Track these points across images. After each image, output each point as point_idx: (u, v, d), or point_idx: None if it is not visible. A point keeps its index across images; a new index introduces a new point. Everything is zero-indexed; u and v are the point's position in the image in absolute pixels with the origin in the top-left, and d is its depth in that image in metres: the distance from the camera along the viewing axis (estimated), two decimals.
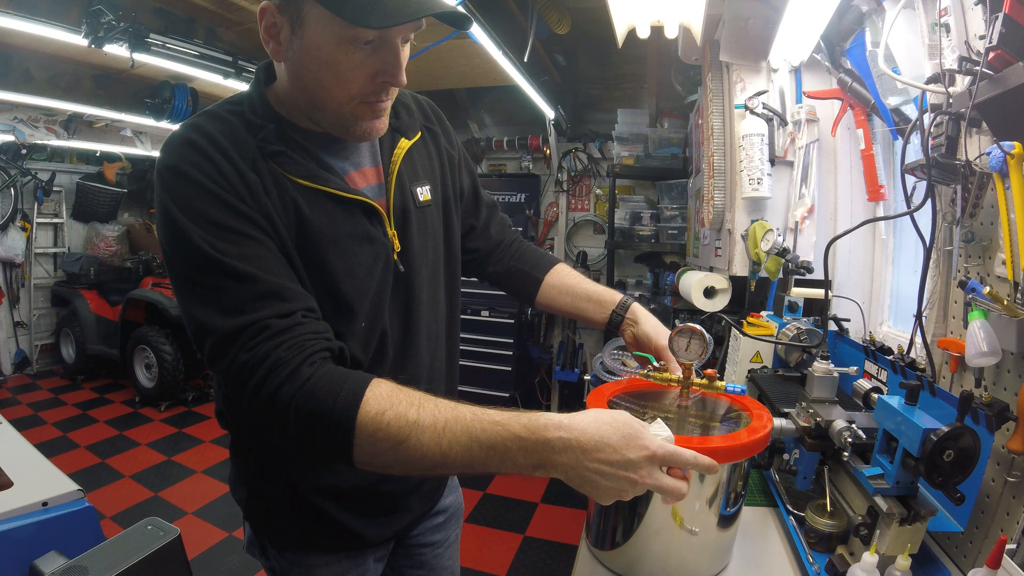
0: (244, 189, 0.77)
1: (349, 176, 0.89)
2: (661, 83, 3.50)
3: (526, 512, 3.19)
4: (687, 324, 1.02)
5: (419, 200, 0.96)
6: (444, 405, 0.70)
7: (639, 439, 0.69)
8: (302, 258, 0.81)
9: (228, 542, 2.77)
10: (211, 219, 0.74)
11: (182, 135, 0.79)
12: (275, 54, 0.79)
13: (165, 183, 0.77)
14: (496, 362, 3.99)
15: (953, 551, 1.02)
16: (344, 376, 0.72)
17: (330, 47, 0.75)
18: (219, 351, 0.73)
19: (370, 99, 0.81)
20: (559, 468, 0.68)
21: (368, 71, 0.78)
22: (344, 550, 1.00)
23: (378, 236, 0.89)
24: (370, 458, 0.70)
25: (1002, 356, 0.95)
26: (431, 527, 1.15)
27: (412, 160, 0.97)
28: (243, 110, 0.83)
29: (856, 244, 1.77)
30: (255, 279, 0.74)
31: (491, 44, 2.44)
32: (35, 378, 5.19)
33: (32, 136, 4.14)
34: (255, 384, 0.71)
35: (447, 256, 1.04)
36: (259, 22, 0.77)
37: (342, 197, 0.84)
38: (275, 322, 0.72)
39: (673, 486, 0.71)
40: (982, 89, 0.88)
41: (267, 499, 0.97)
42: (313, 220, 0.81)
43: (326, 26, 0.73)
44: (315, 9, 0.73)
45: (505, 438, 0.68)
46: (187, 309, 0.76)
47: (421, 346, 0.97)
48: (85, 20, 2.25)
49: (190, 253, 0.74)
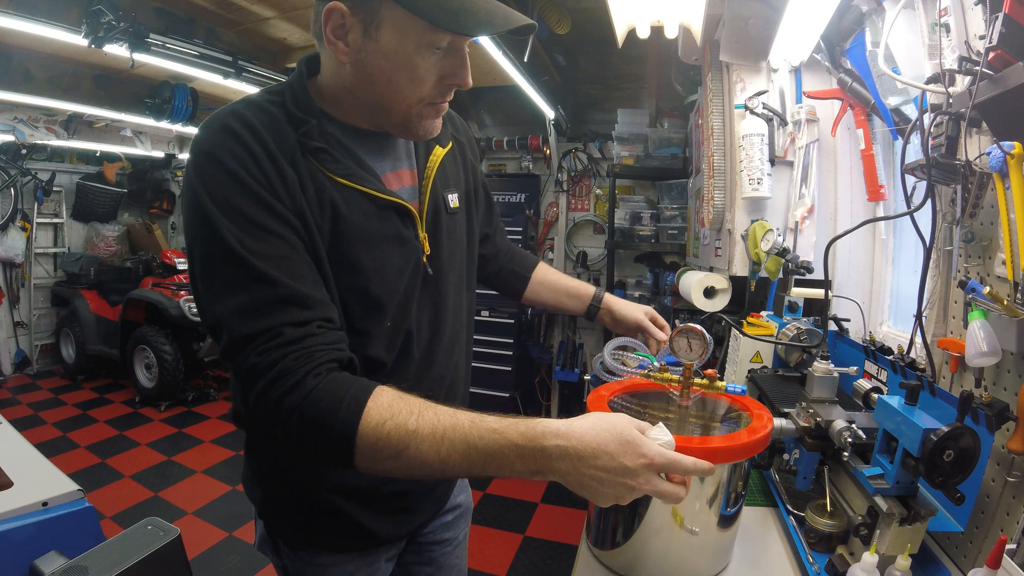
0: (280, 184, 0.76)
1: (385, 177, 0.90)
2: (661, 83, 3.49)
3: (526, 512, 3.19)
4: (687, 324, 1.02)
5: (450, 207, 0.98)
6: (443, 413, 0.71)
7: (637, 447, 0.69)
8: (334, 256, 0.81)
9: (228, 542, 2.77)
10: (242, 213, 0.73)
11: (222, 121, 0.77)
12: (340, 55, 0.78)
13: (199, 169, 0.75)
14: (496, 362, 3.99)
15: (953, 551, 1.02)
16: (348, 385, 0.72)
17: (409, 50, 0.76)
18: (232, 350, 0.73)
19: (436, 100, 0.83)
20: (557, 474, 0.69)
21: (438, 74, 0.80)
22: (358, 549, 1.00)
23: (410, 238, 0.89)
24: (372, 464, 0.71)
25: (1002, 356, 0.95)
26: (442, 525, 1.16)
27: (444, 168, 0.99)
28: (285, 101, 0.82)
29: (856, 244, 1.77)
30: (277, 283, 0.73)
31: (491, 44, 2.44)
32: (35, 378, 5.19)
33: (32, 136, 4.15)
34: (260, 389, 0.71)
35: (468, 261, 1.06)
36: (323, 25, 0.76)
37: (378, 198, 0.84)
38: (289, 330, 0.72)
39: (671, 491, 0.71)
40: (982, 89, 0.88)
41: (281, 498, 0.98)
42: (349, 219, 0.81)
43: (406, 29, 0.74)
44: (396, 11, 0.73)
45: (503, 446, 0.68)
46: (205, 301, 0.76)
47: (446, 348, 0.99)
48: (85, 20, 2.25)
49: (216, 245, 0.73)
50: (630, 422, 0.72)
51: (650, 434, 0.72)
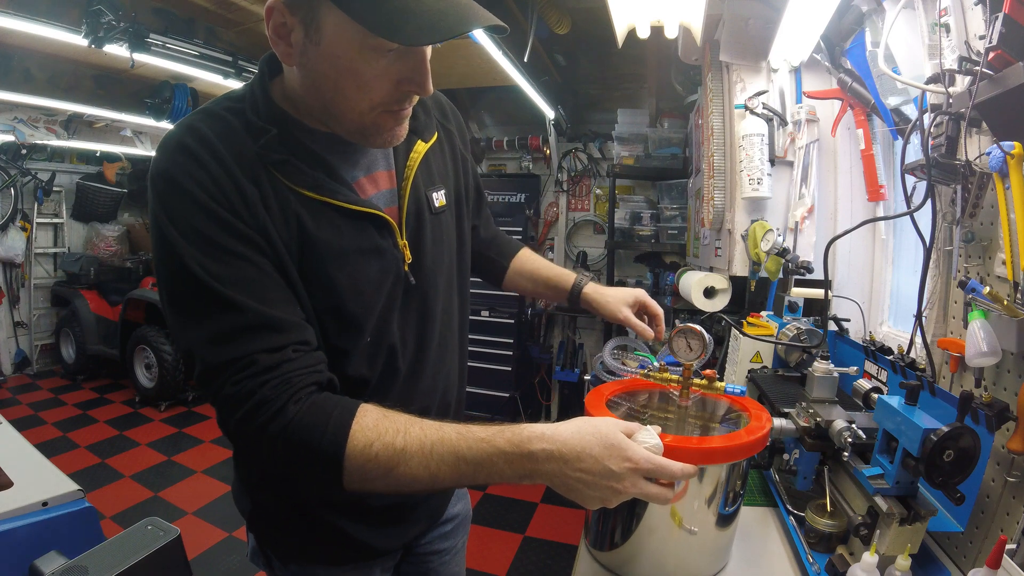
0: (240, 202, 0.71)
1: (359, 183, 0.84)
2: (661, 83, 3.49)
3: (526, 512, 3.19)
4: (687, 324, 1.02)
5: (434, 206, 0.92)
6: (430, 428, 0.71)
7: (622, 450, 0.68)
8: (305, 274, 0.76)
9: (228, 542, 2.77)
10: (204, 236, 0.70)
11: (178, 139, 0.73)
12: (286, 57, 0.72)
13: (157, 191, 0.72)
14: (496, 362, 3.99)
15: (953, 551, 1.02)
16: (331, 408, 0.70)
17: (351, 54, 0.68)
18: (205, 380, 0.71)
19: (393, 107, 0.75)
20: (544, 476, 0.69)
21: (392, 78, 0.72)
22: (351, 561, 0.98)
23: (388, 248, 0.84)
24: (361, 485, 0.70)
25: (1002, 356, 0.95)
26: (439, 535, 1.13)
27: (429, 164, 0.92)
28: (244, 108, 0.76)
29: (856, 244, 1.77)
30: (244, 309, 0.69)
31: (491, 44, 2.44)
32: (35, 378, 5.19)
33: (32, 136, 4.14)
34: (240, 417, 0.69)
35: (459, 260, 1.01)
36: (266, 21, 0.70)
37: (349, 210, 0.79)
38: (263, 357, 0.69)
39: (658, 494, 0.70)
40: (982, 89, 0.88)
41: (272, 511, 0.95)
42: (317, 235, 0.76)
43: (347, 31, 0.67)
44: (334, 13, 0.67)
45: (491, 453, 0.69)
46: (175, 328, 0.73)
47: (435, 356, 0.95)
48: (85, 20, 2.25)
49: (180, 272, 0.70)
50: (616, 425, 0.71)
51: (638, 437, 0.71)
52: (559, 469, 0.68)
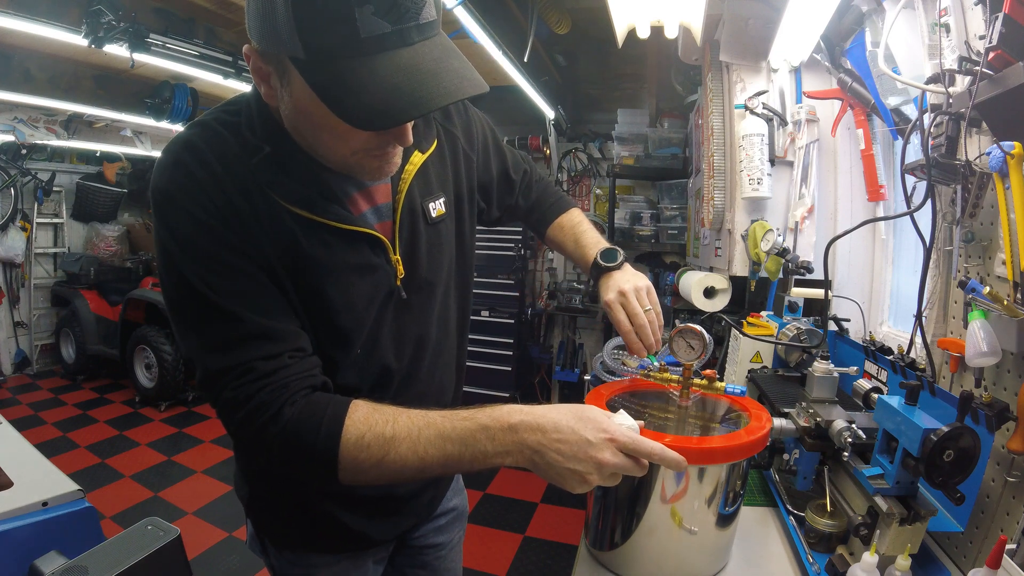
0: (233, 218, 0.73)
1: (352, 199, 0.84)
2: (661, 83, 3.49)
3: (526, 512, 3.19)
4: (687, 324, 1.02)
5: (431, 216, 0.91)
6: (416, 415, 0.74)
7: (597, 423, 0.71)
8: (298, 288, 0.79)
9: (228, 542, 2.77)
10: (201, 250, 0.73)
11: (173, 154, 0.75)
12: (268, 97, 0.73)
13: (158, 206, 0.75)
14: (496, 362, 3.99)
15: (953, 551, 1.02)
16: (324, 406, 0.73)
17: (323, 111, 0.66)
18: (207, 384, 0.75)
19: (375, 152, 0.75)
20: (526, 449, 0.70)
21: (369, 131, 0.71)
22: (345, 550, 1.00)
23: (380, 264, 0.85)
24: (354, 476, 0.73)
25: (1002, 356, 0.95)
26: (434, 528, 1.15)
27: (427, 173, 0.91)
28: (240, 123, 0.77)
29: (856, 244, 1.77)
30: (242, 319, 0.73)
31: (491, 44, 2.44)
32: (35, 378, 5.19)
33: (32, 136, 4.14)
34: (240, 420, 0.73)
35: (459, 265, 1.00)
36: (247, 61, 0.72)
37: (341, 229, 0.79)
38: (260, 364, 0.73)
39: (633, 467, 0.71)
40: (982, 89, 0.88)
41: (269, 499, 0.98)
42: (310, 251, 0.77)
43: (313, 95, 0.66)
44: (299, 75, 0.66)
45: (473, 430, 0.71)
46: (179, 334, 0.77)
47: (429, 366, 0.96)
48: (85, 20, 2.25)
49: (181, 283, 0.73)
50: (593, 407, 0.75)
51: (614, 419, 0.74)
52: (538, 440, 0.70)
